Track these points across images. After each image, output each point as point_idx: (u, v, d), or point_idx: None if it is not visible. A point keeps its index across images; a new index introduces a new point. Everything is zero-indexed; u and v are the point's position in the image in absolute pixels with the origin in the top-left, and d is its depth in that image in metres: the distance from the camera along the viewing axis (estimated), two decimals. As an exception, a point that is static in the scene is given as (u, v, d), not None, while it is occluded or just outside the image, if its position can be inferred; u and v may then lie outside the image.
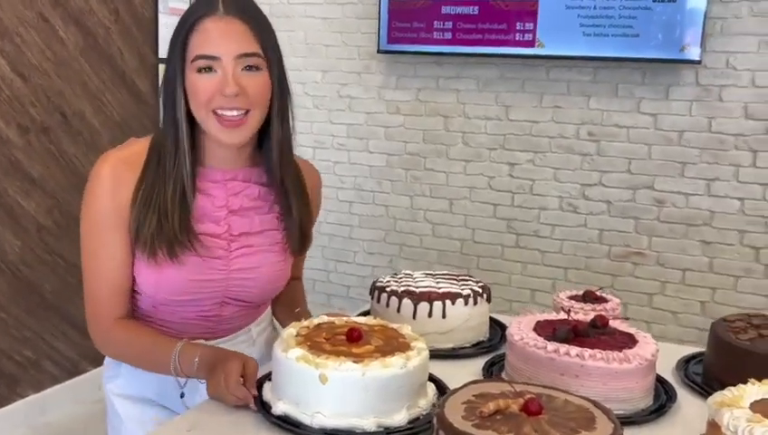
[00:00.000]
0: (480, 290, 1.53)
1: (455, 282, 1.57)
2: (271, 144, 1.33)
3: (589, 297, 1.58)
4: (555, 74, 3.32)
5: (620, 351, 1.24)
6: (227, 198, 1.35)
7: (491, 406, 1.01)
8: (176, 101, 1.27)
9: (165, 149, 1.29)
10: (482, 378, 1.35)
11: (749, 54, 2.99)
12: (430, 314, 1.46)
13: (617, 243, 3.33)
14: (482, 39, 3.34)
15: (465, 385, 1.11)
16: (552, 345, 1.25)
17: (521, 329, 1.33)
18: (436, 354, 1.44)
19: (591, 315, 1.40)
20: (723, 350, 1.35)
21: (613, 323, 1.38)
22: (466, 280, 1.59)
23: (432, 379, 1.27)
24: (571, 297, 1.60)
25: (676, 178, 3.18)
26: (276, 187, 1.37)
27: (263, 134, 1.34)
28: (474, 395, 1.07)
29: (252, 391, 1.20)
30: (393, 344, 1.21)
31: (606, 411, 1.04)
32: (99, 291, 1.32)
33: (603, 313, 1.48)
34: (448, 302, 1.47)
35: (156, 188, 1.28)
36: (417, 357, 1.18)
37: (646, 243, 3.28)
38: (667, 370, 1.43)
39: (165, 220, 1.27)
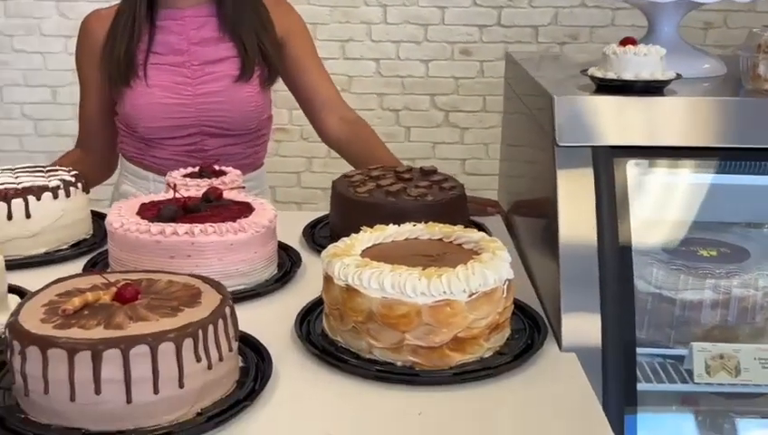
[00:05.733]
0: (73, 179, 1.47)
1: (41, 174, 1.49)
2: None
3: (206, 172, 1.61)
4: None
5: (234, 221, 1.29)
6: (188, 32, 1.84)
7: (76, 302, 1.00)
8: None
9: None
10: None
11: None
12: (10, 217, 1.37)
13: (256, 121, 3.41)
14: None
15: (46, 286, 1.08)
16: (156, 227, 1.26)
17: (121, 214, 1.32)
18: (24, 263, 1.38)
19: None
20: (343, 206, 1.48)
21: (229, 195, 1.43)
22: (56, 171, 1.51)
23: (16, 291, 1.21)
24: (187, 175, 1.61)
25: (310, 42, 3.32)
26: (231, 20, 1.84)
27: None
28: (58, 295, 1.05)
29: None
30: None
31: (215, 285, 1.08)
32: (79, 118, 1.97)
33: (221, 186, 1.52)
34: (31, 198, 1.39)
35: (116, 29, 1.81)
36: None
37: (287, 117, 3.42)
38: (295, 238, 1.53)
39: (118, 52, 1.80)
